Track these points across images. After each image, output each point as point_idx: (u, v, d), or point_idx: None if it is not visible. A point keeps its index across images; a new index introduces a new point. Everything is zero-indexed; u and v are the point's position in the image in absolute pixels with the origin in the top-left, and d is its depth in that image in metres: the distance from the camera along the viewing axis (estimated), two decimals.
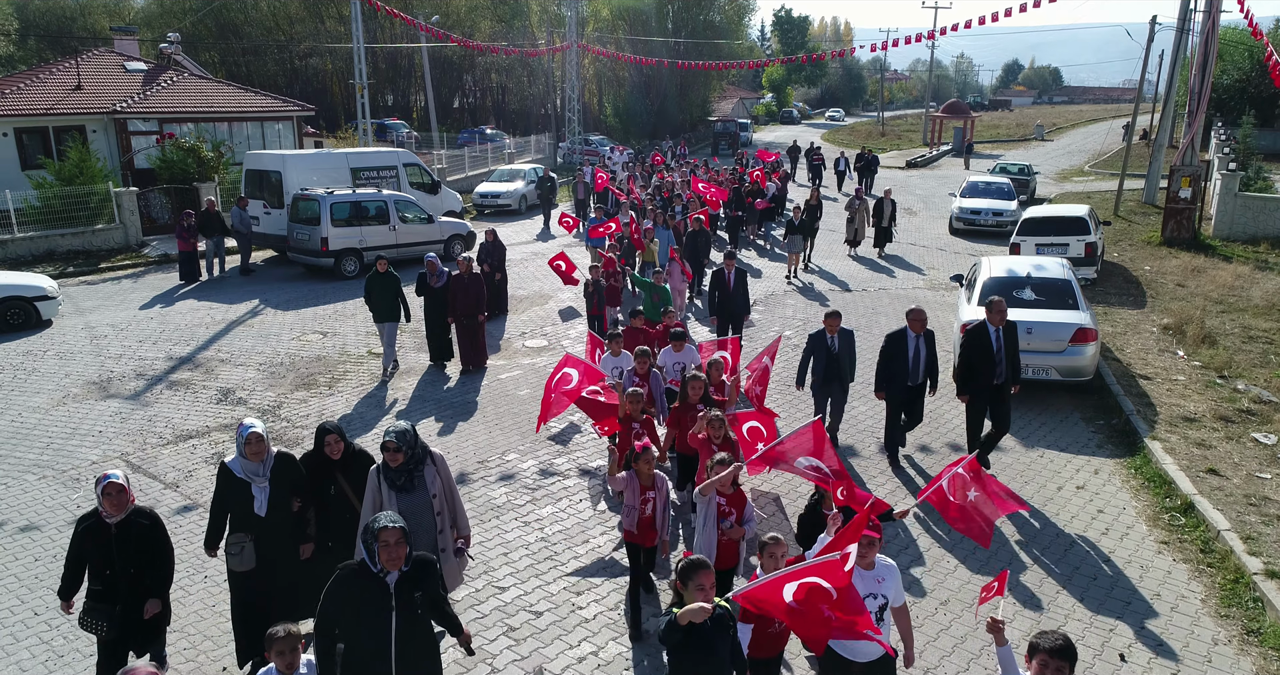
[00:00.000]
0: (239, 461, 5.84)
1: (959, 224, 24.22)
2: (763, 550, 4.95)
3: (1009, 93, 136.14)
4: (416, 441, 5.85)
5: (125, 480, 5.43)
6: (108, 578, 5.44)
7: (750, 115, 77.71)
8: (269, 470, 5.85)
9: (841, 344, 9.55)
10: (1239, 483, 8.79)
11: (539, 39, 59.72)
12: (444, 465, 6.01)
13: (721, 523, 5.90)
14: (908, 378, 9.17)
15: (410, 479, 5.76)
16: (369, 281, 12.35)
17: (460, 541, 6.07)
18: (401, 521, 4.47)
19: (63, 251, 20.47)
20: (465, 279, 12.31)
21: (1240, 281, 17.20)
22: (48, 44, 48.71)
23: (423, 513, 5.77)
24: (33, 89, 25.49)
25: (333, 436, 6.09)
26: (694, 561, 4.34)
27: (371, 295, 12.32)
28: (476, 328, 12.53)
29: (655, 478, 6.36)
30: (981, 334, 9.03)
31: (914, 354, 9.13)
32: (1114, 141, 47.99)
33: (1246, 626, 6.61)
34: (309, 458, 6.18)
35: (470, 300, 12.27)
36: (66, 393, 11.80)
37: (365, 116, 31.49)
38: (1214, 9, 21.71)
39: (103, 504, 5.33)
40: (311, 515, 6.12)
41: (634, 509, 6.35)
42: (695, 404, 7.82)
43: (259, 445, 5.80)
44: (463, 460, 9.66)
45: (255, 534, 5.79)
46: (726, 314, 12.60)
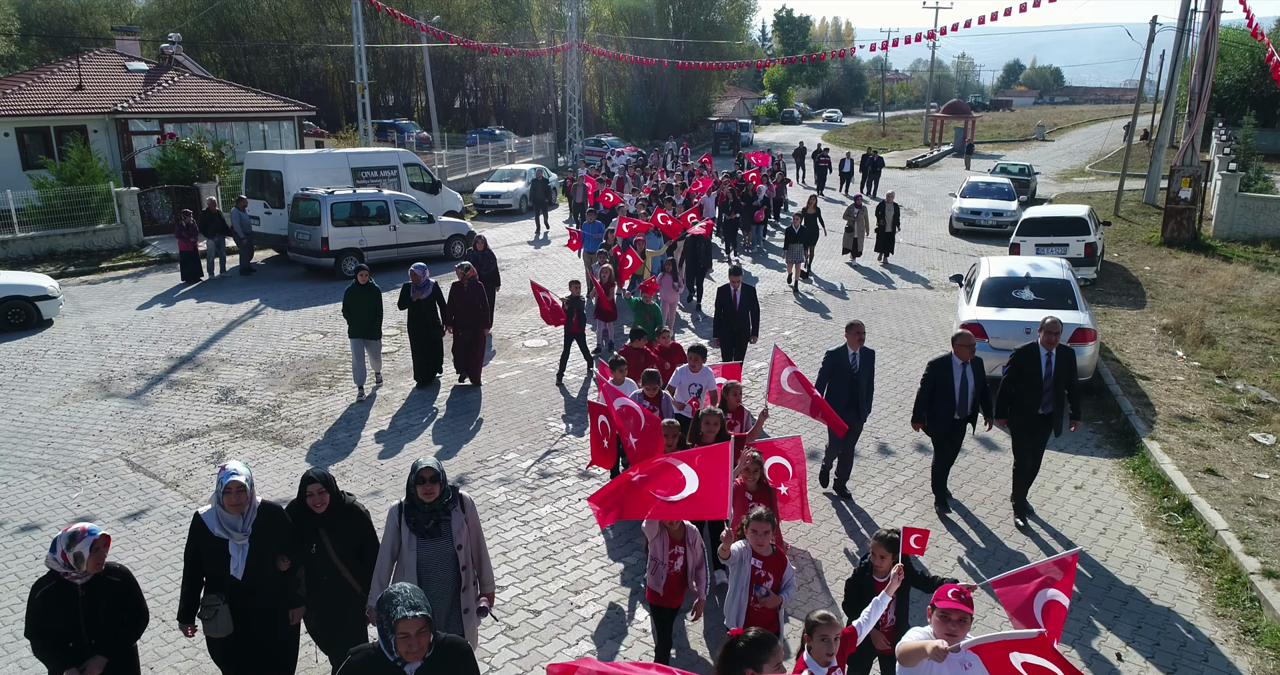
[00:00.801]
0: (215, 513, 5.01)
1: (959, 224, 24.23)
2: (812, 632, 4.12)
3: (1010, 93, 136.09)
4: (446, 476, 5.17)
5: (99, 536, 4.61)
6: (71, 651, 4.62)
7: (751, 115, 77.71)
8: (250, 524, 5.03)
9: (863, 364, 8.59)
10: (1237, 483, 8.80)
11: (540, 39, 59.77)
12: (474, 513, 5.29)
13: (756, 589, 5.16)
14: (954, 410, 8.13)
15: (437, 524, 5.08)
16: (348, 295, 11.43)
17: (483, 600, 5.34)
18: (424, 606, 3.70)
19: (64, 251, 20.51)
20: (465, 288, 11.65)
21: (1240, 282, 17.21)
22: (49, 44, 48.76)
23: (445, 564, 5.10)
24: (34, 89, 25.54)
25: (316, 487, 5.20)
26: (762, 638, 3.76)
27: (350, 310, 11.41)
28: (476, 340, 11.85)
29: (687, 531, 5.63)
30: (1030, 357, 8.11)
31: (961, 383, 8.10)
32: (1115, 142, 47.99)
33: (1243, 626, 6.62)
34: (291, 509, 5.34)
35: (471, 310, 11.62)
36: (67, 392, 11.83)
37: (366, 117, 31.51)
38: (1214, 9, 21.72)
39: (73, 562, 4.50)
40: (301, 576, 5.30)
41: (661, 565, 5.60)
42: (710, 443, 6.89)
43: (239, 496, 4.95)
44: (461, 459, 9.68)
45: (230, 597, 5.04)
46: (731, 335, 11.58)
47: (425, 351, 11.90)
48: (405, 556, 5.08)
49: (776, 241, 22.66)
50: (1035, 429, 8.17)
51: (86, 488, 8.95)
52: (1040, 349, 8.06)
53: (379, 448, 10.03)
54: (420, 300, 11.61)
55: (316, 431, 10.47)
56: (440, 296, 11.81)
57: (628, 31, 57.99)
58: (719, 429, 6.95)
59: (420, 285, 11.56)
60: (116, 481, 9.11)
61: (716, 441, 6.78)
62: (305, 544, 5.25)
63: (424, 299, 11.62)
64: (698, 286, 16.38)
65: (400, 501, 5.17)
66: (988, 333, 11.35)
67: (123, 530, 8.08)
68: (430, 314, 11.70)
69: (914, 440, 10.18)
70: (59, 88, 25.86)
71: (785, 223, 24.95)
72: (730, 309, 11.47)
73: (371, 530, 5.45)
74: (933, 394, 8.21)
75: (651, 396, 8.12)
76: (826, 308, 16.32)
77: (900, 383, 12.12)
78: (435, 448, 10.01)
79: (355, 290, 11.44)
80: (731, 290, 11.51)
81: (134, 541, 7.88)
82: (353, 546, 5.27)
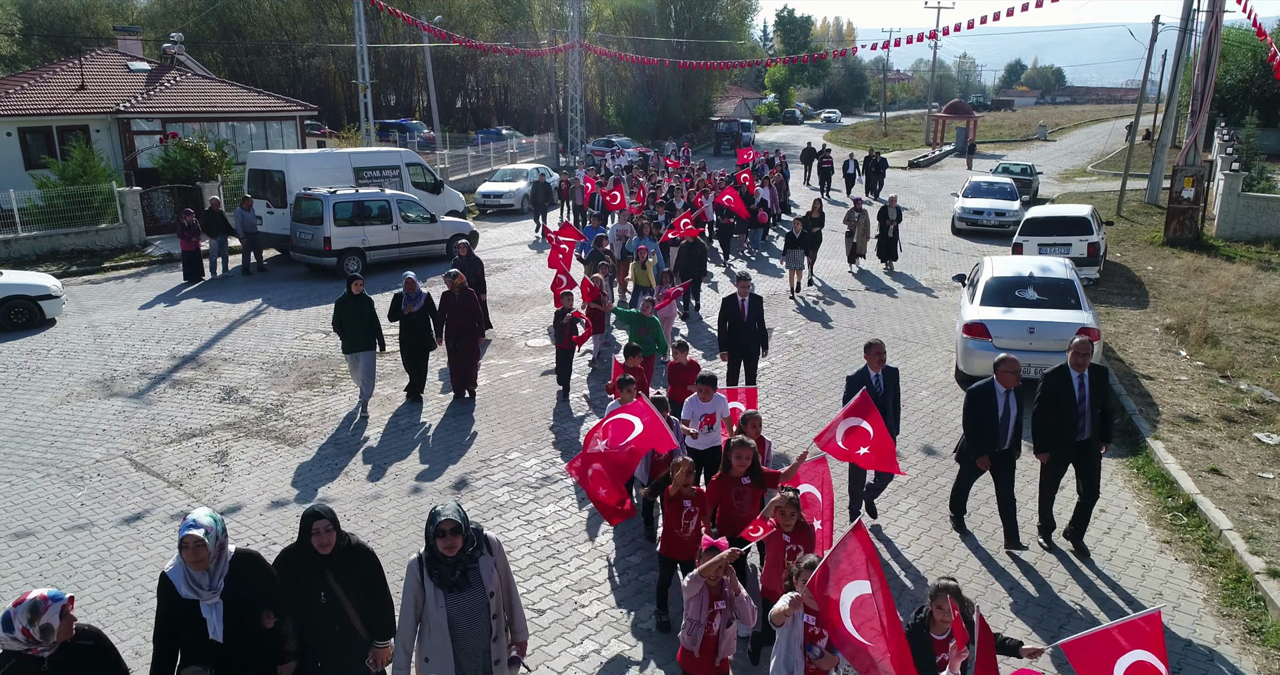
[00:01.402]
0: (181, 570, 4.35)
1: (961, 224, 24.21)
2: None
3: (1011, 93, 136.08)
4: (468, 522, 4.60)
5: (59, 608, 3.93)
6: None
7: (753, 115, 77.68)
8: (221, 579, 4.41)
9: (887, 385, 7.88)
10: (1241, 482, 8.79)
11: (541, 39, 59.80)
12: (502, 554, 4.76)
13: (809, 649, 4.64)
14: (996, 441, 7.47)
15: (465, 574, 4.53)
16: (339, 305, 10.72)
17: (514, 649, 4.88)
18: None
19: (66, 251, 20.52)
20: (457, 296, 11.06)
21: (1243, 282, 17.19)
22: (51, 44, 48.81)
23: (476, 615, 4.58)
24: (36, 89, 25.56)
25: (323, 523, 4.58)
26: None
27: (341, 321, 10.75)
28: (471, 351, 11.31)
29: (726, 587, 4.98)
30: (1061, 380, 7.48)
31: (1004, 412, 7.42)
32: (1117, 142, 47.95)
33: (1249, 626, 6.61)
34: (291, 552, 4.74)
35: (464, 319, 11.05)
36: (70, 391, 11.83)
37: (368, 116, 31.54)
38: (1217, 9, 21.69)
39: (39, 636, 3.85)
40: (289, 628, 4.70)
41: (699, 625, 4.99)
42: (740, 477, 6.24)
43: (198, 552, 4.26)
44: (465, 459, 9.68)
45: (215, 665, 4.43)
46: (739, 350, 10.72)
47: (418, 367, 11.33)
48: (432, 614, 4.53)
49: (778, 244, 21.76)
50: (1078, 458, 7.54)
51: (89, 487, 8.96)
52: (1070, 371, 7.42)
53: (383, 447, 10.02)
54: (413, 313, 10.97)
55: (319, 431, 10.47)
56: (433, 307, 11.27)
57: (629, 31, 58.03)
58: (751, 463, 6.16)
59: (413, 296, 10.93)
60: (120, 481, 9.11)
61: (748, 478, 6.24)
62: (311, 591, 4.63)
63: (416, 311, 10.98)
64: (695, 295, 15.77)
65: (419, 554, 4.60)
66: (991, 332, 11.35)
67: (126, 530, 8.09)
68: (423, 326, 11.07)
69: (918, 441, 10.17)
70: (61, 87, 25.87)
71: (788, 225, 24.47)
72: (737, 321, 10.60)
73: (380, 572, 4.86)
74: (974, 425, 7.49)
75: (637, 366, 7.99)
76: (829, 306, 16.30)
77: (903, 382, 12.06)
78: (438, 447, 10.01)
79: (347, 301, 10.71)
80: (739, 300, 10.64)
81: (138, 541, 7.88)
82: (362, 591, 4.75)
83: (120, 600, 6.96)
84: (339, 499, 8.72)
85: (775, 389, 11.89)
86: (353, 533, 4.86)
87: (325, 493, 8.85)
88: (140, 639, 6.46)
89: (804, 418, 10.90)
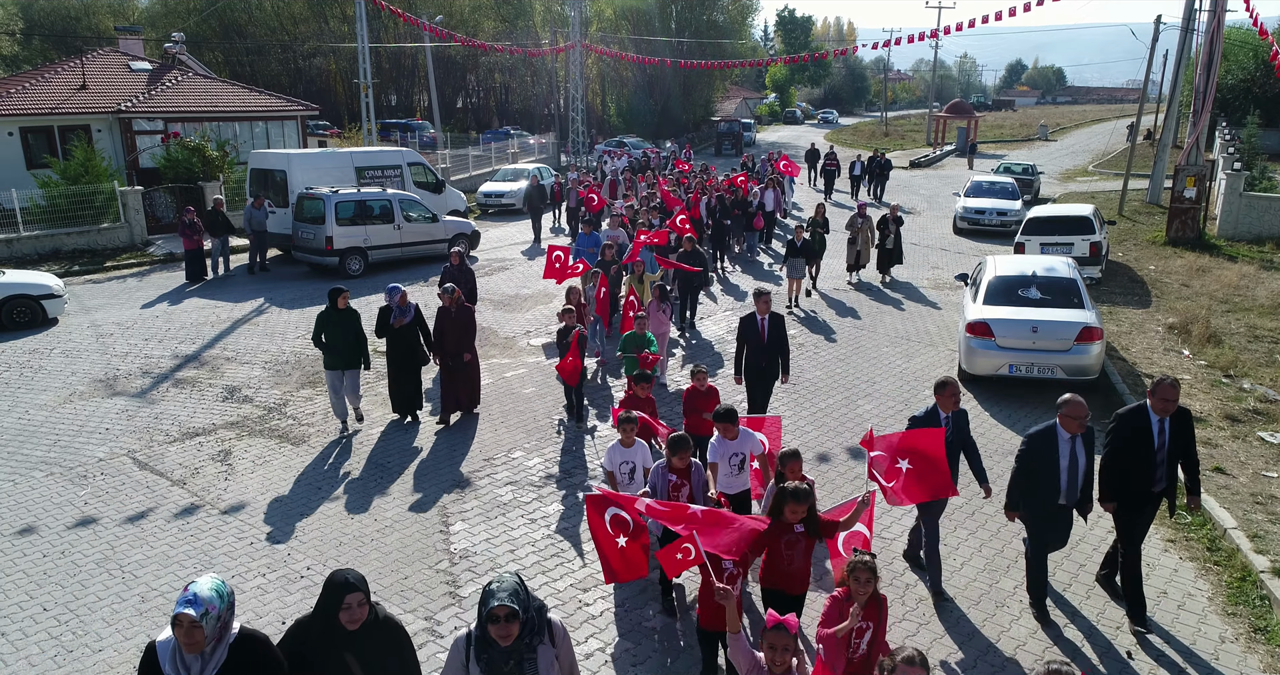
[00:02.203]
0: (171, 646, 3.66)
1: (963, 224, 24.21)
2: None
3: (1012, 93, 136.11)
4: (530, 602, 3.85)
5: None
6: None
7: (754, 115, 77.70)
8: (215, 669, 3.67)
9: (956, 429, 6.89)
10: (1245, 481, 8.79)
11: (542, 39, 59.78)
12: (568, 646, 4.06)
13: None
14: (1058, 494, 6.40)
15: (520, 665, 3.83)
16: (321, 320, 9.99)
17: None
18: None
19: (68, 250, 20.53)
20: (453, 312, 10.33)
21: (1245, 281, 17.19)
22: (53, 44, 48.86)
23: None
24: (38, 88, 25.56)
25: (357, 596, 3.85)
26: None
27: (325, 338, 10.01)
28: (470, 371, 10.65)
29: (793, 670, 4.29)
30: (1139, 424, 6.41)
31: (1069, 462, 6.33)
32: (1118, 141, 47.97)
33: (1253, 624, 6.60)
34: (307, 623, 4.00)
35: (461, 338, 10.40)
36: (73, 390, 11.84)
37: (370, 116, 31.55)
38: (1219, 8, 21.70)
39: None
40: None
41: None
42: (794, 524, 5.31)
43: (192, 634, 3.53)
44: (468, 458, 9.68)
45: None
46: (757, 376, 9.74)
47: (407, 383, 10.51)
48: None
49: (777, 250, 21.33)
50: (1147, 509, 6.58)
51: (93, 486, 8.96)
52: (1150, 414, 6.38)
53: (385, 446, 10.02)
54: (402, 327, 10.28)
55: (323, 430, 10.47)
56: (423, 322, 10.55)
57: (630, 31, 58.05)
58: (873, 587, 4.66)
59: (402, 309, 10.23)
60: (123, 479, 9.12)
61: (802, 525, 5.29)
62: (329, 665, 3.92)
63: (406, 324, 10.30)
64: (691, 304, 14.68)
65: (468, 631, 3.91)
66: (994, 331, 11.34)
67: (130, 529, 8.09)
68: (413, 341, 10.39)
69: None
70: (63, 87, 25.88)
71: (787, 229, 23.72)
72: (757, 342, 9.59)
73: (413, 655, 4.18)
74: (1030, 474, 6.42)
75: (681, 467, 6.38)
76: (833, 308, 16.28)
77: (905, 381, 12.11)
78: (441, 446, 10.00)
79: (331, 315, 9.97)
80: (758, 320, 9.63)
81: (141, 539, 7.88)
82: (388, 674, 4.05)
83: (124, 599, 6.96)
84: (342, 497, 8.72)
85: (777, 389, 11.87)
86: (379, 603, 4.13)
87: (328, 491, 8.85)
88: (144, 637, 6.46)
89: (807, 417, 10.90)
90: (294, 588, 7.13)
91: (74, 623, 6.63)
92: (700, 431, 7.87)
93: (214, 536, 7.94)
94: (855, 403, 11.32)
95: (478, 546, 7.80)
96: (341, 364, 10.07)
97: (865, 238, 17.69)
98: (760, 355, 9.60)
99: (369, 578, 7.27)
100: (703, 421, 7.84)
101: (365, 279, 18.60)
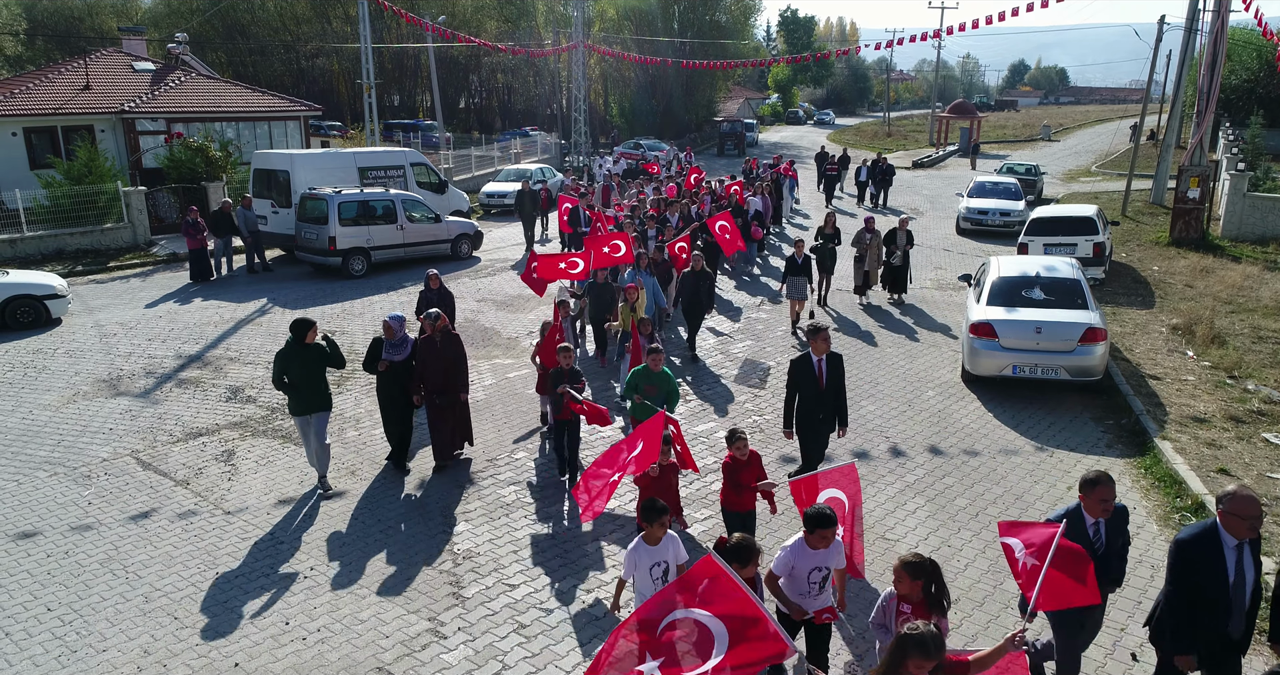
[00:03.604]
0: None
1: (966, 224, 24.19)
2: None
3: (1015, 93, 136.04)
4: None
5: None
6: None
7: (756, 115, 77.68)
8: None
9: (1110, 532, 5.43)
10: (1250, 483, 8.76)
11: (545, 39, 59.83)
12: None
13: None
14: (1225, 619, 5.01)
15: None
16: (283, 358, 8.45)
17: None
18: None
19: (72, 250, 20.56)
20: (437, 342, 8.92)
21: (1249, 282, 17.15)
22: (56, 44, 48.94)
23: None
24: (41, 89, 25.60)
25: None
26: None
27: (285, 377, 8.49)
28: (458, 408, 9.24)
29: None
30: (1209, 544, 4.91)
31: (1236, 575, 4.89)
32: (1121, 142, 47.90)
33: (1258, 627, 6.57)
34: None
35: (448, 371, 8.97)
36: (76, 390, 11.85)
37: (373, 116, 31.57)
38: (1223, 9, 21.67)
39: None
40: None
41: None
42: None
43: None
44: (472, 459, 9.67)
45: None
46: (814, 428, 8.16)
47: (401, 426, 9.28)
48: None
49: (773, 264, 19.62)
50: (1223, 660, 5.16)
51: (97, 486, 8.97)
52: (1221, 531, 4.86)
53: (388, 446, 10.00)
54: (399, 360, 8.99)
55: None
56: None
57: (632, 31, 58.04)
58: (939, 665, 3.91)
59: (397, 342, 8.97)
60: (127, 479, 9.12)
61: None
62: None
63: (401, 361, 8.99)
64: (693, 331, 13.06)
65: None
66: (998, 332, 11.32)
67: (133, 528, 8.09)
68: (407, 379, 9.02)
69: (924, 441, 10.13)
70: (66, 87, 25.92)
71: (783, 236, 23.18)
72: (813, 389, 8.09)
73: None
74: (1189, 590, 4.95)
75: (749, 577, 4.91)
76: (834, 312, 16.23)
77: (909, 381, 12.10)
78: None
79: (294, 353, 8.45)
80: (814, 362, 8.09)
81: (145, 539, 7.89)
82: None
83: (128, 599, 6.96)
84: (345, 497, 8.72)
85: (779, 390, 11.86)
86: None
87: (331, 491, 8.85)
88: (149, 638, 6.47)
89: None
90: (297, 588, 7.14)
91: (78, 623, 6.64)
92: (743, 504, 6.87)
93: (217, 537, 7.95)
94: (858, 403, 11.30)
95: (481, 547, 7.80)
96: (308, 407, 8.62)
97: (874, 256, 16.13)
98: (817, 404, 8.06)
99: (372, 578, 7.31)
100: (749, 497, 6.82)
101: (368, 279, 18.63)
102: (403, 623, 6.67)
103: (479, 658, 6.25)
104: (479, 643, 6.44)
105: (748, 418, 10.86)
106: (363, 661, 6.22)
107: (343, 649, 6.36)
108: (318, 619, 6.74)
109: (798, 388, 8.17)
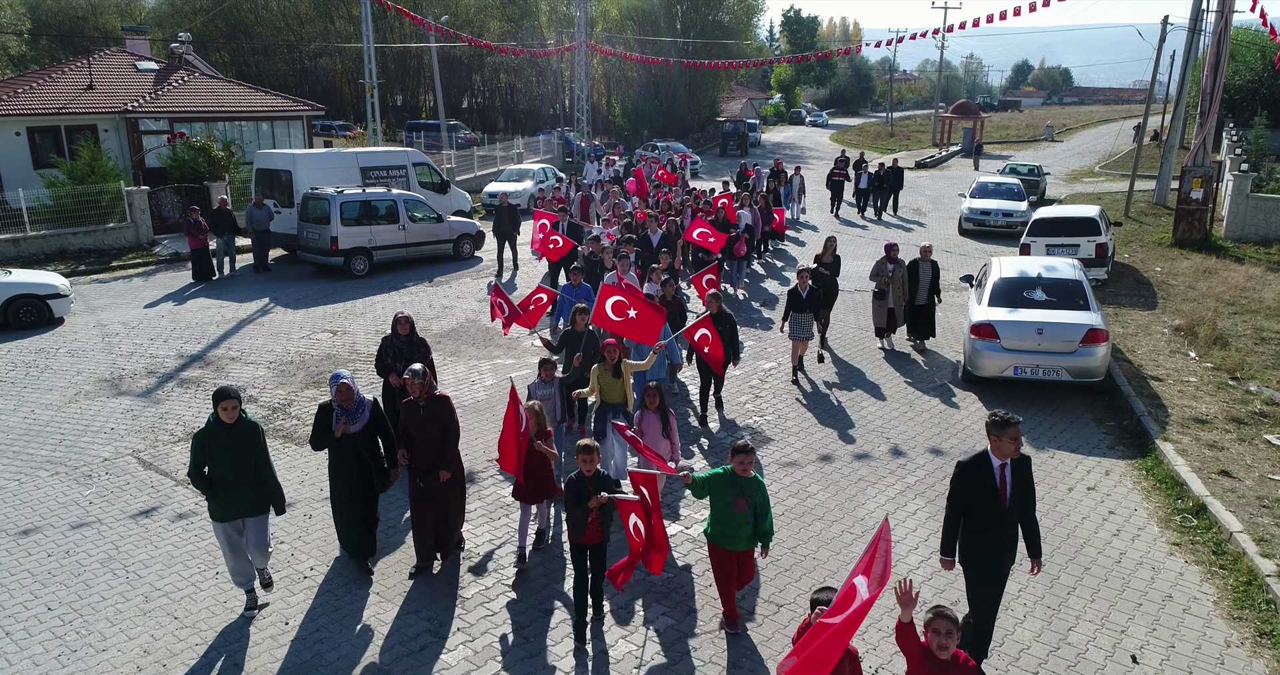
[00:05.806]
0: None
1: (968, 224, 24.16)
2: None
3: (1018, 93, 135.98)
4: None
5: None
6: None
7: (759, 115, 77.68)
8: None
9: None
10: (1251, 485, 8.75)
11: (548, 39, 59.92)
12: None
13: None
14: None
15: None
16: (201, 441, 6.34)
17: None
18: None
19: (74, 250, 20.60)
20: (422, 408, 6.95)
21: (1252, 283, 17.12)
22: (59, 44, 49.05)
23: None
24: (45, 88, 25.64)
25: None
26: None
27: (204, 468, 6.38)
28: (452, 495, 7.22)
29: None
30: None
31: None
32: (1124, 142, 47.80)
33: (1259, 628, 6.57)
34: None
35: (434, 441, 6.97)
36: (78, 390, 11.87)
37: (375, 116, 31.59)
38: (1226, 9, 21.62)
39: None
40: None
41: None
42: None
43: None
44: (472, 458, 9.67)
45: None
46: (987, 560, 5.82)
47: (357, 518, 7.16)
48: None
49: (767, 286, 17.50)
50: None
51: (98, 485, 8.98)
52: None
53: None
54: (350, 433, 6.91)
55: None
56: (384, 427, 7.16)
57: (635, 31, 58.06)
58: None
59: (351, 408, 6.88)
60: (128, 479, 9.14)
61: None
62: None
63: (356, 431, 6.93)
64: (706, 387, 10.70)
65: None
66: (999, 333, 11.31)
67: (134, 528, 8.10)
68: (369, 454, 7.05)
69: (925, 442, 10.12)
70: (69, 87, 25.95)
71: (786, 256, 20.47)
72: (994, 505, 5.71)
73: None
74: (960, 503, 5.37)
75: None
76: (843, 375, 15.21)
77: (909, 382, 12.08)
78: None
79: (215, 434, 6.33)
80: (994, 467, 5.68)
81: (146, 539, 7.90)
82: None
83: (128, 599, 6.97)
84: None
85: (781, 390, 11.87)
86: None
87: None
88: (149, 637, 6.48)
89: (810, 418, 10.87)
90: (297, 588, 7.14)
91: (78, 622, 6.65)
92: None
93: None
94: (859, 404, 11.30)
95: (481, 547, 7.80)
96: (236, 510, 6.51)
97: (899, 291, 13.12)
98: (998, 529, 5.73)
99: (372, 578, 7.30)
100: None
101: (370, 279, 18.64)
102: (402, 623, 6.68)
103: (478, 658, 6.26)
104: (478, 643, 6.44)
105: None
106: (362, 661, 6.23)
107: (342, 649, 6.37)
108: (318, 619, 6.74)
109: (969, 503, 5.77)
